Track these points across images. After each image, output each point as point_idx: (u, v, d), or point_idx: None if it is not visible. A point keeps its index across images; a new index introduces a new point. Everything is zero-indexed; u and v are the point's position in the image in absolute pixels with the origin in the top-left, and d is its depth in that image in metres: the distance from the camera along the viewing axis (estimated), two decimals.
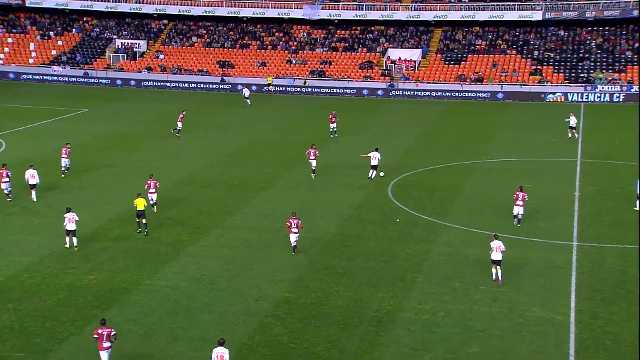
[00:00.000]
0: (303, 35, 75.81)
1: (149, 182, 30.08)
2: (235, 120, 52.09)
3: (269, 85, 68.07)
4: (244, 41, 76.32)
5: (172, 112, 52.11)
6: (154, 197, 30.01)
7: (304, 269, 24.11)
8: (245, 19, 77.15)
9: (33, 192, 30.89)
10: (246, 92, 61.86)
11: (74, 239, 25.54)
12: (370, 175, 34.89)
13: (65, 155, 35.37)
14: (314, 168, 35.44)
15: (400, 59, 69.79)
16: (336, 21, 74.57)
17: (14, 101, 58.34)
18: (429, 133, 47.91)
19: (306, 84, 68.33)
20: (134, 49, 75.81)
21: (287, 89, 68.30)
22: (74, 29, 79.24)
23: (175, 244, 26.24)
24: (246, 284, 22.83)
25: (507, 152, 41.25)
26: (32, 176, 31.04)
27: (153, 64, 74.06)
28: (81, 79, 71.56)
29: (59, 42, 77.21)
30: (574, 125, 44.82)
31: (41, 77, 71.95)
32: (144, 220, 27.22)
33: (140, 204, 27.32)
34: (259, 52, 74.61)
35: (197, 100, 62.88)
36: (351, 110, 57.07)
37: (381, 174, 35.02)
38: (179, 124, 45.60)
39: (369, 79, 68.15)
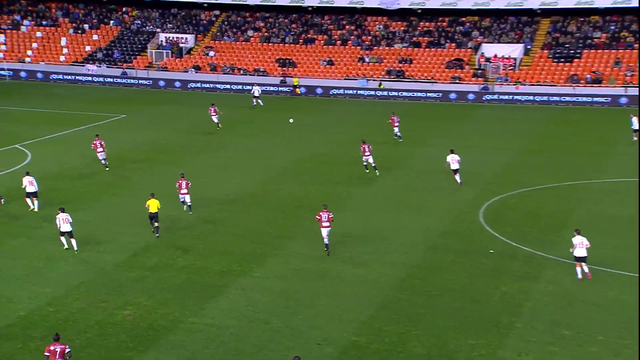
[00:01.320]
0: (379, 29, 76.12)
1: (180, 181, 32.07)
2: (293, 129, 52.64)
3: (295, 87, 69.07)
4: (309, 35, 77.25)
5: (221, 119, 53.09)
6: (187, 198, 32.09)
7: (376, 307, 23.98)
8: (310, 8, 78.15)
9: (31, 201, 32.83)
10: (257, 90, 62.54)
11: (73, 242, 27.83)
12: (458, 182, 36.95)
13: (101, 149, 39.51)
14: (373, 164, 38.64)
15: (496, 56, 68.98)
16: (419, 11, 74.54)
17: (42, 105, 60.82)
18: (532, 146, 47.06)
19: (381, 87, 68.42)
20: (180, 45, 77.86)
21: (358, 92, 68.60)
22: (111, 21, 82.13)
23: (223, 275, 26.60)
24: (307, 324, 22.87)
25: (631, 170, 39.98)
26: (30, 183, 33.15)
27: (202, 62, 75.89)
28: (118, 80, 73.99)
29: (94, 37, 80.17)
30: None
31: (73, 77, 74.79)
32: (156, 224, 29.63)
33: (152, 205, 29.71)
34: (325, 49, 75.37)
35: (251, 104, 63.87)
36: (435, 118, 56.72)
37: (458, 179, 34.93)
38: (215, 119, 50.80)
39: (457, 81, 67.64)
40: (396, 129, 47.96)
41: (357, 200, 35.62)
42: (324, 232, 28.05)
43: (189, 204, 32.62)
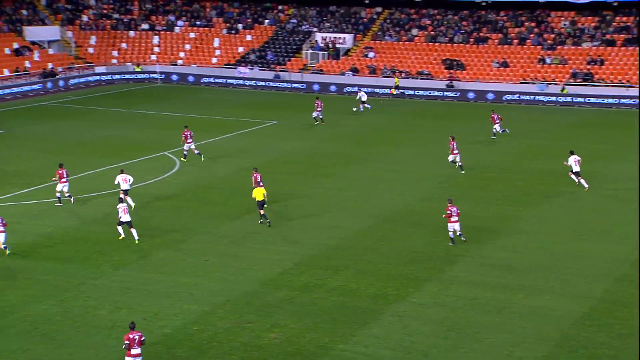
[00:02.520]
0: (564, 25, 73.91)
1: (255, 175, 35.68)
2: (459, 137, 52.16)
3: (394, 87, 69.31)
4: (481, 34, 76.36)
5: (380, 127, 53.50)
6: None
7: (553, 344, 23.25)
8: (484, 4, 77.29)
9: (123, 199, 35.07)
10: (363, 95, 61.73)
11: (134, 231, 31.70)
12: (583, 185, 38.57)
13: (190, 140, 44.39)
14: (459, 163, 42.14)
15: None
16: (615, 4, 71.48)
17: (191, 110, 63.84)
18: None
19: (564, 91, 66.33)
20: (337, 45, 79.25)
21: (536, 97, 66.94)
22: (266, 21, 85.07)
23: (378, 299, 26.74)
24: (470, 359, 22.58)
25: None
26: (124, 180, 36.24)
27: (360, 64, 76.91)
28: (271, 83, 76.46)
29: (247, 37, 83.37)
30: None
31: (224, 80, 78.13)
32: (261, 212, 33.50)
33: (259, 194, 33.54)
34: (499, 49, 74.21)
35: (412, 111, 63.95)
36: (631, 127, 54.04)
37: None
38: (316, 114, 55.51)
39: None
40: (497, 126, 50.51)
41: (528, 221, 34.75)
42: (454, 227, 31.11)
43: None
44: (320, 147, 50.86)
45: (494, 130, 50.98)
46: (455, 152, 42.60)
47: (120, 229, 32.22)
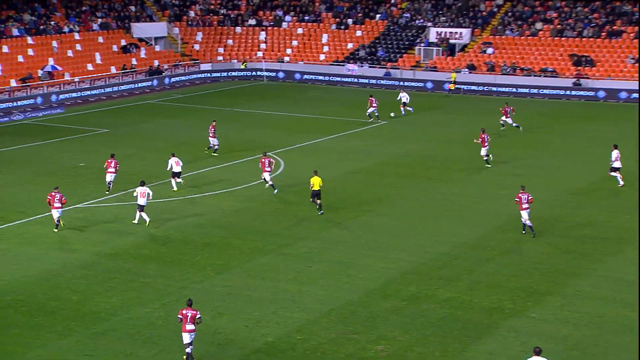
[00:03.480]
0: None
1: (264, 159, 38.74)
2: (587, 141, 50.88)
3: (452, 83, 69.67)
4: (614, 27, 74.15)
5: (495, 128, 52.71)
6: (267, 176, 39.37)
7: None
8: None
9: (174, 181, 39.67)
10: (405, 96, 59.97)
11: (144, 215, 34.38)
12: (618, 181, 40.11)
13: (212, 134, 47.00)
14: (486, 157, 44.49)
15: None
16: None
17: (297, 109, 64.54)
18: None
19: None
20: (453, 40, 78.60)
21: None
22: (377, 15, 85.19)
23: (492, 313, 26.40)
24: None
25: None
26: (177, 163, 39.78)
27: (477, 60, 76.07)
28: (381, 81, 76.47)
29: (358, 33, 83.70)
30: None
31: (332, 78, 78.65)
32: (318, 201, 35.94)
33: (315, 183, 35.82)
34: (635, 43, 71.74)
35: (537, 112, 62.72)
36: None
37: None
38: (372, 109, 56.74)
39: None
40: (509, 120, 53.70)
41: None
42: (524, 214, 32.67)
43: (270, 183, 39.42)
44: (435, 149, 50.65)
45: (502, 121, 54.19)
46: (485, 145, 44.55)
47: (137, 214, 34.90)
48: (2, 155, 43.52)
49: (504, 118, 54.35)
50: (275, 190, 39.56)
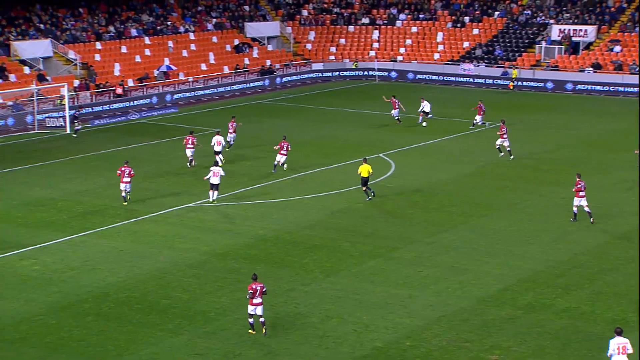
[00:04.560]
0: None
1: (282, 143, 41.99)
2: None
3: (512, 80, 69.46)
4: None
5: (619, 129, 51.07)
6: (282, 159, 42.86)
7: None
8: None
9: (219, 158, 43.53)
10: (426, 105, 57.32)
11: (215, 194, 37.69)
12: None
13: (232, 130, 48.74)
14: (509, 148, 46.32)
15: None
16: None
17: (409, 109, 63.95)
18: None
19: None
20: (577, 38, 76.64)
21: None
22: (496, 13, 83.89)
23: (615, 324, 25.51)
24: None
25: None
26: (218, 143, 43.79)
27: (604, 59, 73.93)
28: (498, 81, 75.32)
29: (474, 31, 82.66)
30: None
31: (446, 77, 77.95)
32: (364, 188, 37.55)
33: (364, 170, 37.32)
34: None
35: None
36: None
37: None
38: (395, 112, 57.10)
39: None
40: (479, 117, 55.34)
41: None
42: (581, 202, 34.37)
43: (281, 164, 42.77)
44: (554, 151, 49.60)
45: (475, 121, 55.05)
46: (504, 136, 46.36)
47: (210, 193, 37.67)
48: (118, 154, 44.84)
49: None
50: (274, 170, 43.18)
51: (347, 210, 37.72)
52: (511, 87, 72.67)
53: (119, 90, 65.65)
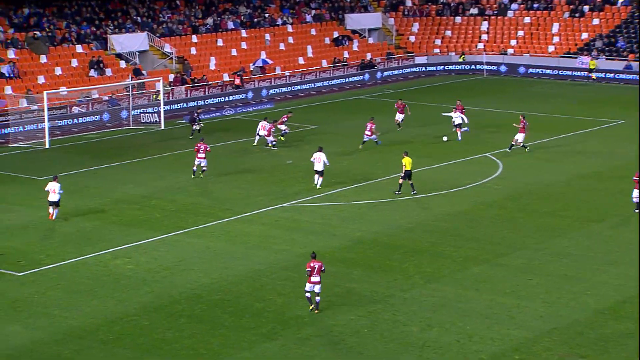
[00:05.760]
0: None
1: (369, 124, 44.95)
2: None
3: (590, 71, 69.49)
4: None
5: None
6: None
7: None
8: None
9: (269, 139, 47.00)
10: (457, 117, 53.03)
11: (320, 180, 39.90)
12: None
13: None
14: (521, 143, 47.26)
15: None
16: None
17: (519, 106, 62.38)
18: None
19: None
20: None
21: None
22: (619, 0, 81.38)
23: None
24: None
25: None
26: (262, 127, 47.58)
27: None
28: (620, 75, 73.38)
29: (594, 21, 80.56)
30: None
31: (560, 72, 76.44)
32: (409, 181, 38.92)
33: (407, 163, 38.63)
34: None
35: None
36: None
37: None
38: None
39: None
40: (400, 116, 55.15)
41: None
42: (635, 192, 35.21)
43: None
44: None
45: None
46: (522, 129, 46.82)
47: (315, 177, 40.17)
48: (213, 151, 45.26)
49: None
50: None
51: (450, 213, 37.37)
52: (594, 78, 72.59)
53: (237, 81, 66.81)
